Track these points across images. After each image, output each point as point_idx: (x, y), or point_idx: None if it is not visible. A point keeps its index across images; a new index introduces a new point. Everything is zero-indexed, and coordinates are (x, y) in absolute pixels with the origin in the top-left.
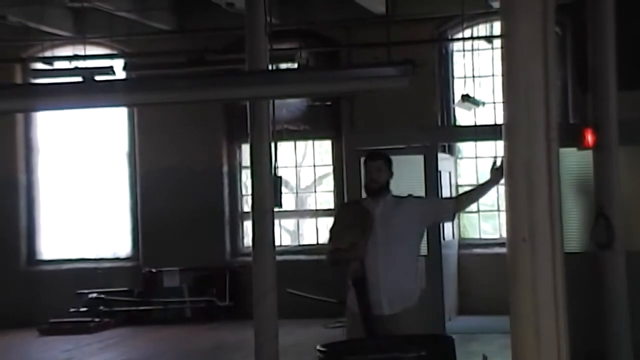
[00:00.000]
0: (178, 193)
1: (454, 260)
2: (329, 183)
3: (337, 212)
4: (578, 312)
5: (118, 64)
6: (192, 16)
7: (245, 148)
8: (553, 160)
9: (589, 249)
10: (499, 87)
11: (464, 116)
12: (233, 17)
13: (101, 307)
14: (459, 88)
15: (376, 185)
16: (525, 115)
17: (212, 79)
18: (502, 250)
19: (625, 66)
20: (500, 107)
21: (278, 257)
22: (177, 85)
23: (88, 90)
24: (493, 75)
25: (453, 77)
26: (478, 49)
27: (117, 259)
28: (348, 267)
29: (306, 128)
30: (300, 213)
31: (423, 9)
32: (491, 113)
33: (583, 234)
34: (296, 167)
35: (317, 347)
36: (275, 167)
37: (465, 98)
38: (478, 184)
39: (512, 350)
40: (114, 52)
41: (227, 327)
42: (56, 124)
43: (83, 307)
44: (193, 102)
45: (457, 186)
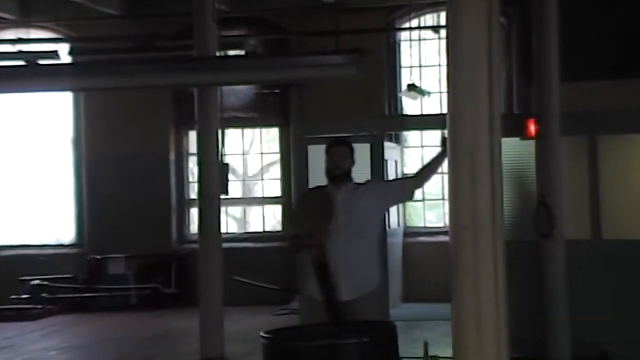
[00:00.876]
0: (124, 179)
1: (399, 248)
2: (276, 171)
3: (299, 199)
4: (518, 300)
5: (63, 49)
6: (141, 1)
7: (192, 135)
8: (495, 149)
9: (530, 238)
10: (445, 77)
11: (411, 105)
12: (182, 3)
13: (44, 294)
14: (406, 77)
15: (339, 171)
16: (469, 105)
17: (160, 65)
18: (446, 238)
19: (568, 57)
20: (445, 97)
21: (224, 245)
22: (124, 70)
23: (31, 74)
24: (439, 65)
25: (400, 67)
26: (425, 39)
27: (61, 246)
28: (309, 254)
29: (254, 115)
30: (247, 201)
31: None
32: (437, 103)
33: (524, 223)
34: (243, 155)
35: (261, 334)
36: (222, 155)
37: (411, 87)
38: (430, 159)
39: (453, 337)
40: (60, 37)
41: (173, 315)
42: None
43: (25, 294)
44: (140, 88)
45: (403, 175)
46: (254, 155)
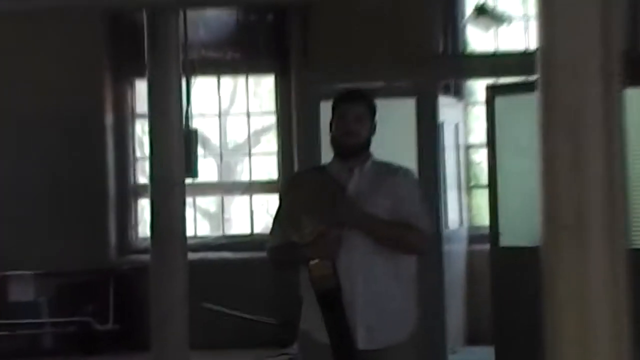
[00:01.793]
0: (33, 155)
1: (461, 260)
2: (271, 141)
3: (288, 187)
4: None
5: None
6: None
7: (140, 87)
8: (612, 107)
9: None
10: None
11: (479, 39)
12: None
13: None
14: None
15: (354, 140)
16: (570, 38)
17: None
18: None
19: None
20: (534, 26)
21: (191, 255)
22: None
23: None
24: None
25: None
26: None
27: None
28: (310, 274)
29: (236, 57)
30: (226, 188)
31: None
32: (520, 34)
33: None
34: (220, 117)
35: None
36: (187, 117)
37: (481, 11)
38: None
39: None
40: None
41: None
42: None
43: None
44: (51, 11)
45: (468, 148)
46: (237, 117)
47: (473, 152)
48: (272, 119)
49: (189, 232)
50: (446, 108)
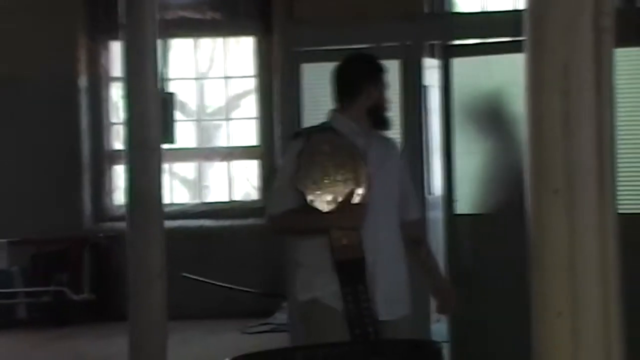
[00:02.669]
0: (5, 120)
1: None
2: (252, 106)
3: (301, 145)
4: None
5: None
6: None
7: (115, 48)
8: (606, 64)
9: None
10: None
11: None
12: None
13: None
14: None
15: (388, 112)
16: None
17: None
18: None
19: None
20: None
21: (169, 223)
22: None
23: None
24: None
25: None
26: None
27: None
28: (314, 239)
29: (215, 17)
30: (205, 154)
31: None
32: None
33: None
34: (198, 80)
35: None
36: (164, 80)
37: None
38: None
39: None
40: None
41: (86, 334)
42: None
43: None
44: None
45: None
46: (216, 80)
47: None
48: (252, 83)
49: (167, 200)
50: (432, 70)
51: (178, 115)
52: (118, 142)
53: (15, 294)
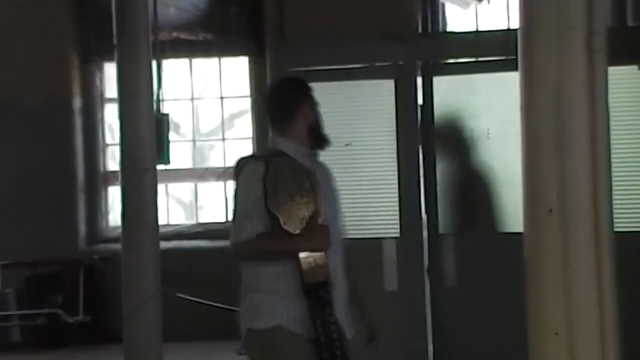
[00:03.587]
0: (0, 141)
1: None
2: (246, 125)
3: (263, 171)
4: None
5: None
6: None
7: (109, 70)
8: (598, 84)
9: None
10: None
11: (459, 17)
12: None
13: None
14: None
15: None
16: (553, 12)
17: None
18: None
19: None
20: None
21: (164, 244)
22: None
23: None
24: None
25: None
26: None
27: None
28: (276, 265)
29: (208, 38)
30: (199, 174)
31: None
32: (502, 11)
33: None
34: (193, 101)
35: None
36: (159, 101)
37: None
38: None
39: None
40: None
41: (81, 357)
42: None
43: None
44: None
45: None
46: (210, 101)
47: None
48: (247, 103)
49: (162, 220)
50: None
51: (173, 135)
52: (113, 163)
53: (9, 317)
